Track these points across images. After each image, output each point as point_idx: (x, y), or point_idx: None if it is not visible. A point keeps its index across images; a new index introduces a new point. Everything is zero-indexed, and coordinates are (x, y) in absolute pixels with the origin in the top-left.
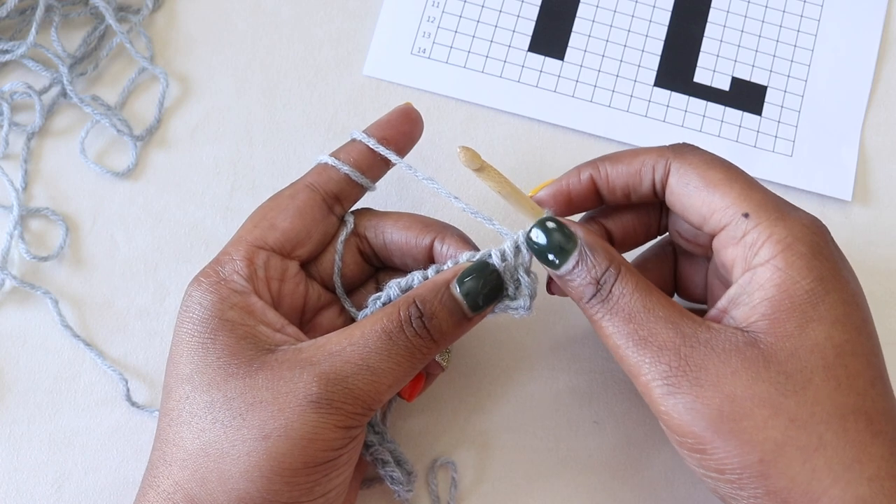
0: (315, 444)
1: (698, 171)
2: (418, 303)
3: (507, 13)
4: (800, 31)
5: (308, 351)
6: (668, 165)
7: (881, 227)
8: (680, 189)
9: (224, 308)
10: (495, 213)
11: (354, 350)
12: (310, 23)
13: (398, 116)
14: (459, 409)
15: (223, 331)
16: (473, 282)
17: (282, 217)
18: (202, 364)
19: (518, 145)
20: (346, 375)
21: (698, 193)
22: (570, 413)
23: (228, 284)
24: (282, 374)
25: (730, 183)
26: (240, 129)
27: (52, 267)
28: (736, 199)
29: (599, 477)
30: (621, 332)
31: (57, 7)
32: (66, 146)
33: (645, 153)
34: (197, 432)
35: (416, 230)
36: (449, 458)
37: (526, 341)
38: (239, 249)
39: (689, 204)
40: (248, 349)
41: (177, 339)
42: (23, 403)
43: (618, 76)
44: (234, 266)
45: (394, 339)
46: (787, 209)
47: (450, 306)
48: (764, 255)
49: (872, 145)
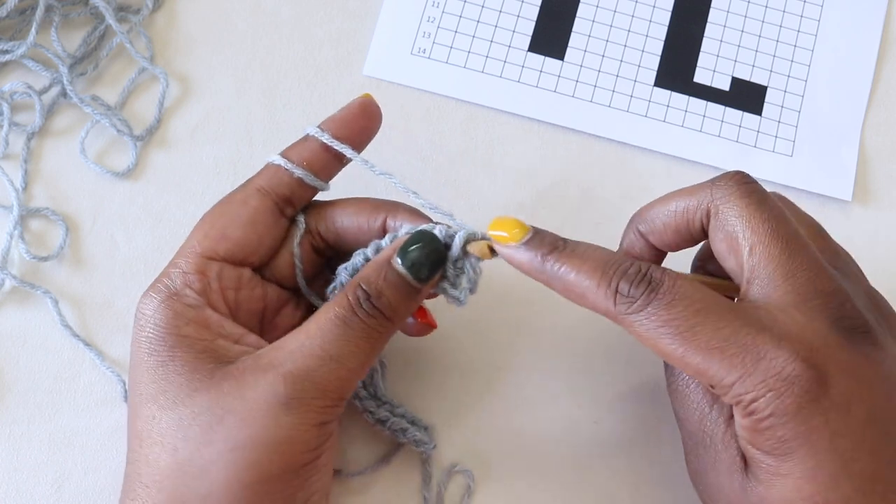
0: (293, 446)
1: (649, 343)
2: (363, 284)
3: (507, 13)
4: (800, 31)
5: (268, 354)
6: (631, 320)
7: (881, 227)
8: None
9: (179, 324)
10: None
11: (313, 343)
12: (310, 23)
13: (356, 111)
14: (458, 409)
15: (181, 347)
16: (417, 252)
17: (233, 226)
18: (164, 382)
19: (518, 145)
20: (311, 370)
21: (663, 351)
22: (570, 413)
23: (181, 299)
24: (245, 380)
25: (682, 360)
26: (240, 129)
27: (52, 267)
28: (699, 368)
29: (599, 477)
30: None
31: (57, 7)
32: (66, 146)
33: (592, 296)
34: (170, 451)
35: (367, 213)
36: (466, 467)
37: (526, 341)
38: (189, 262)
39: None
40: (208, 362)
41: (135, 358)
42: (23, 403)
43: (618, 76)
44: (185, 279)
45: (348, 324)
46: (750, 367)
47: (395, 281)
48: (736, 412)
49: (872, 145)
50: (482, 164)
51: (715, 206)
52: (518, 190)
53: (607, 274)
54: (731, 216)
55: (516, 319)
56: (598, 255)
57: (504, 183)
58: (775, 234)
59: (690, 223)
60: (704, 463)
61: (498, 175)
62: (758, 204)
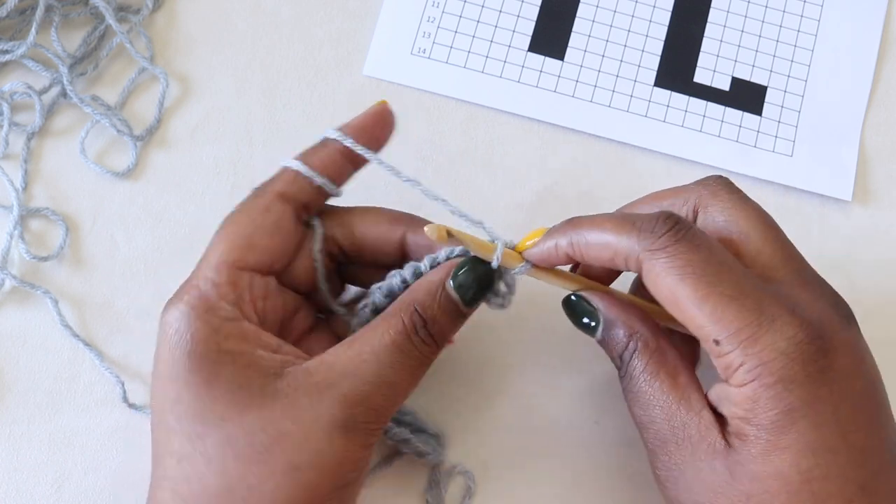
0: (343, 467)
1: (667, 280)
2: (419, 310)
3: (507, 13)
4: (800, 31)
5: (319, 373)
6: (639, 262)
7: (881, 227)
8: (654, 295)
9: (220, 339)
10: (486, 214)
11: (369, 368)
12: (310, 23)
13: (373, 117)
14: (458, 409)
15: (225, 363)
16: (465, 276)
17: (258, 234)
18: (209, 400)
19: (518, 145)
20: (367, 395)
21: (670, 307)
22: (570, 413)
23: (218, 313)
24: (299, 401)
25: (700, 302)
26: (240, 129)
27: (52, 267)
28: (708, 321)
29: (599, 477)
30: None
31: (57, 7)
32: (66, 146)
33: (615, 234)
34: (218, 472)
35: (386, 224)
36: (466, 468)
37: (526, 341)
38: (222, 272)
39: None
40: (255, 378)
41: (170, 374)
42: (23, 403)
43: (618, 76)
44: (218, 291)
45: (404, 351)
46: (763, 326)
47: (447, 306)
48: (737, 379)
49: (872, 145)
50: (482, 164)
51: (703, 202)
52: (518, 190)
53: (628, 221)
54: (723, 209)
55: (517, 319)
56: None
57: (504, 183)
58: (766, 222)
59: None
60: (678, 460)
61: (498, 175)
62: (744, 199)
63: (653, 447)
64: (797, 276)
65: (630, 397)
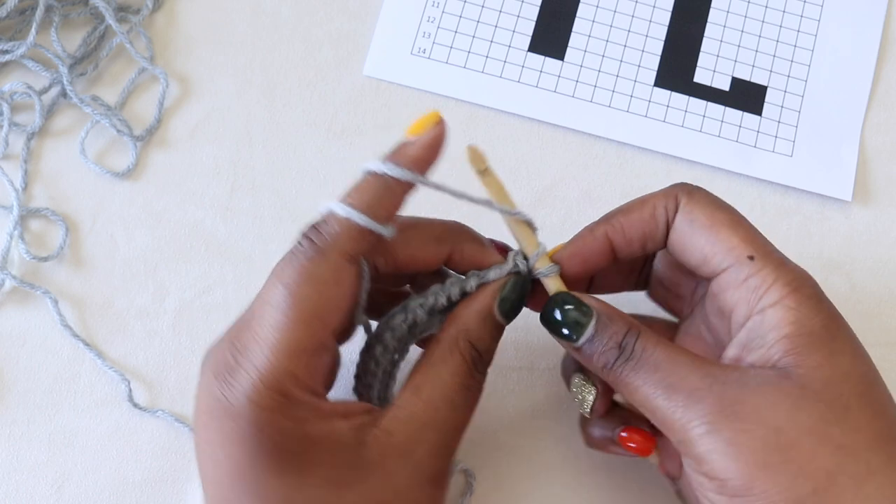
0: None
1: (706, 210)
2: (473, 342)
3: (507, 13)
4: (800, 31)
5: (399, 431)
6: (678, 202)
7: (881, 227)
8: (684, 227)
9: (304, 427)
10: (465, 212)
11: (442, 415)
12: (310, 23)
13: (431, 149)
14: None
15: (313, 450)
16: (510, 300)
17: (330, 309)
18: (306, 488)
19: (518, 145)
20: (446, 442)
21: (703, 232)
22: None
23: (301, 407)
24: (390, 468)
25: (735, 226)
26: (240, 129)
27: (52, 267)
28: (741, 242)
29: (599, 477)
30: (649, 383)
31: (57, 7)
32: (66, 146)
33: (653, 197)
34: None
35: (432, 247)
36: (466, 465)
37: (526, 341)
38: (300, 362)
39: (691, 243)
40: (343, 455)
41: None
42: (23, 403)
43: (618, 76)
44: (299, 383)
45: (470, 389)
46: (785, 258)
47: (496, 333)
48: (771, 297)
49: (872, 145)
50: None
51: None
52: (518, 190)
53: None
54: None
55: (517, 319)
56: None
57: (504, 183)
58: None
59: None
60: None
61: (498, 175)
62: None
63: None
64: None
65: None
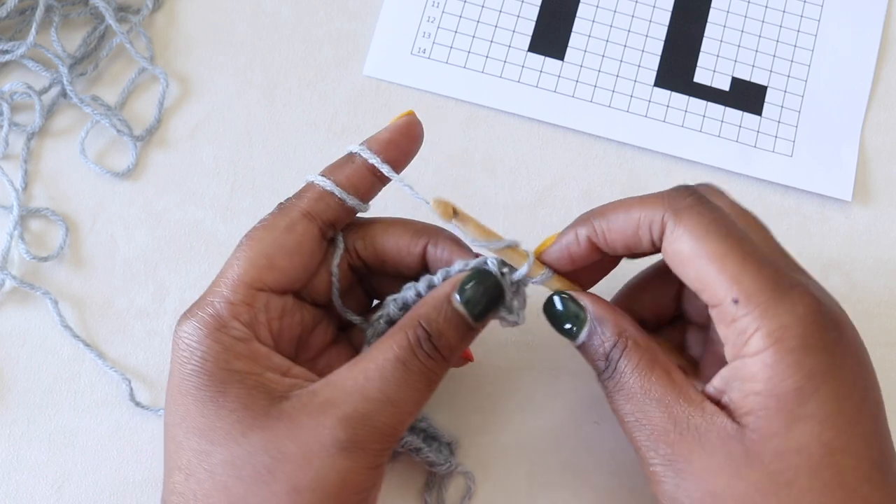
0: (346, 489)
1: (692, 240)
2: (423, 323)
3: (507, 13)
4: (800, 31)
5: (324, 392)
6: (664, 224)
7: (881, 227)
8: (672, 256)
9: (230, 358)
10: (486, 214)
11: (373, 385)
12: (310, 23)
13: (400, 133)
14: (458, 410)
15: (232, 383)
16: (473, 290)
17: (280, 254)
18: (215, 418)
19: (518, 145)
20: (370, 413)
21: (691, 264)
22: (570, 413)
23: (230, 332)
24: (303, 422)
25: (723, 259)
26: (240, 129)
27: (52, 267)
28: (728, 280)
29: (599, 477)
30: (624, 409)
31: (57, 7)
32: (66, 146)
33: (639, 207)
34: (221, 489)
35: (408, 237)
36: (467, 468)
37: (526, 341)
38: (237, 292)
39: (682, 272)
40: (260, 399)
41: (180, 389)
42: (23, 403)
43: (618, 76)
44: (232, 310)
45: (409, 367)
46: (781, 291)
47: (454, 320)
48: (753, 346)
49: (872, 145)
50: (482, 164)
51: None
52: (518, 190)
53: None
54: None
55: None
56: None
57: (504, 183)
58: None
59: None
60: (682, 452)
61: (498, 175)
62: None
63: (647, 444)
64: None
65: (619, 396)
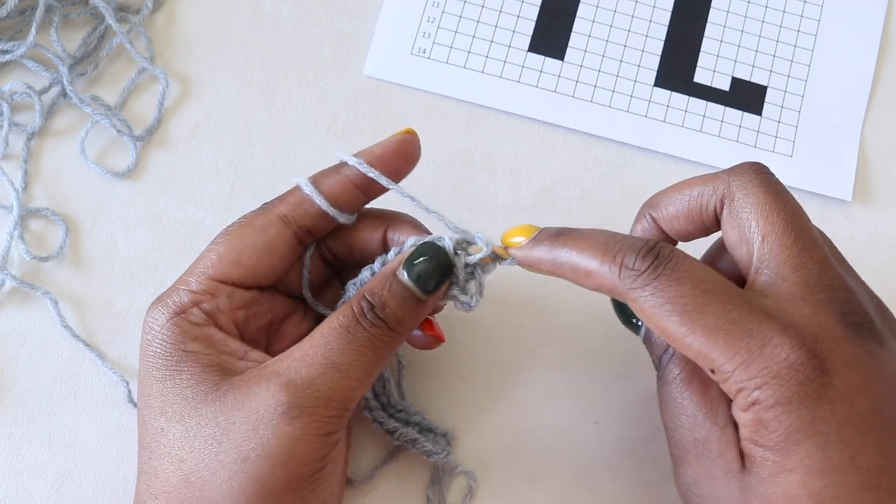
0: (294, 457)
1: (653, 321)
2: (367, 295)
3: (507, 13)
4: (800, 31)
5: (272, 365)
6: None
7: (881, 227)
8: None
9: (185, 340)
10: (465, 212)
11: (316, 351)
12: (310, 23)
13: (392, 150)
14: (458, 410)
15: (187, 362)
16: (424, 264)
17: (248, 252)
18: (171, 395)
19: (518, 145)
20: (313, 378)
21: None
22: (570, 413)
23: (188, 317)
24: (249, 390)
25: (687, 337)
26: (240, 129)
27: (52, 267)
28: (698, 354)
29: (599, 477)
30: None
31: (57, 7)
32: (66, 146)
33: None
34: (177, 463)
35: (370, 225)
36: (468, 468)
37: (525, 341)
38: (201, 282)
39: None
40: (213, 375)
41: (143, 371)
42: (23, 403)
43: (618, 76)
44: (193, 298)
45: (352, 333)
46: (755, 351)
47: (400, 293)
48: (738, 403)
49: (872, 145)
50: (482, 164)
51: (731, 193)
52: (518, 190)
53: (611, 250)
54: (747, 204)
55: (517, 320)
56: (603, 235)
57: (504, 183)
58: (789, 224)
59: (704, 210)
60: (696, 473)
61: (498, 175)
62: (774, 194)
63: (676, 456)
64: (804, 286)
65: (662, 402)
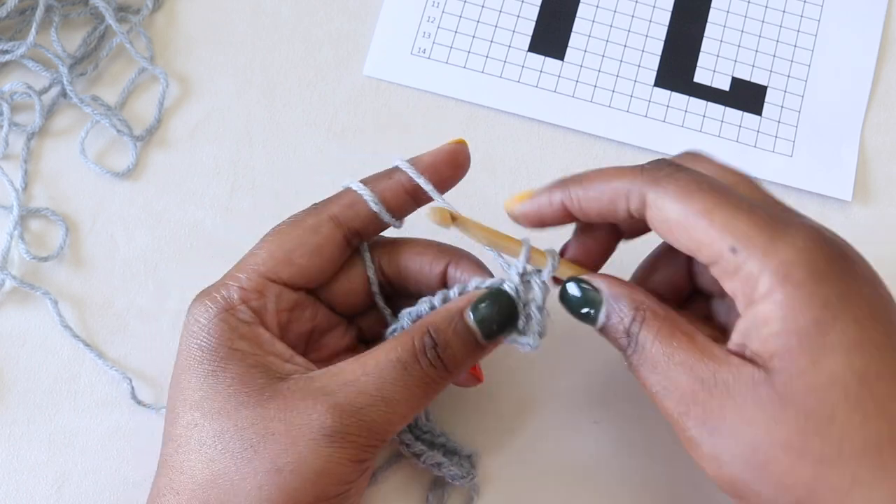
0: (327, 478)
1: (676, 203)
2: (432, 332)
3: (507, 13)
4: (800, 31)
5: (321, 380)
6: (644, 196)
7: (881, 227)
8: (660, 225)
9: (233, 338)
10: (465, 212)
11: (369, 380)
12: (310, 23)
13: (443, 160)
14: (458, 410)
15: (233, 360)
16: (487, 309)
17: (300, 252)
18: (211, 391)
19: (518, 145)
20: (361, 407)
21: (679, 228)
22: (570, 413)
23: (237, 314)
24: (294, 404)
25: (710, 214)
26: (240, 129)
27: (52, 267)
28: (720, 233)
29: (599, 477)
30: (651, 380)
31: (57, 7)
32: (66, 146)
33: (617, 178)
34: (206, 462)
35: (431, 256)
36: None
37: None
38: (251, 279)
39: (673, 239)
40: (258, 377)
41: (183, 363)
42: (23, 403)
43: (618, 76)
44: (243, 295)
45: (409, 370)
46: (779, 230)
47: (463, 335)
48: (762, 288)
49: (872, 145)
50: (482, 164)
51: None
52: (518, 190)
53: (626, 166)
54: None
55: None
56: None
57: (504, 183)
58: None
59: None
60: (715, 408)
61: (498, 175)
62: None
63: (678, 410)
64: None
65: (645, 369)
